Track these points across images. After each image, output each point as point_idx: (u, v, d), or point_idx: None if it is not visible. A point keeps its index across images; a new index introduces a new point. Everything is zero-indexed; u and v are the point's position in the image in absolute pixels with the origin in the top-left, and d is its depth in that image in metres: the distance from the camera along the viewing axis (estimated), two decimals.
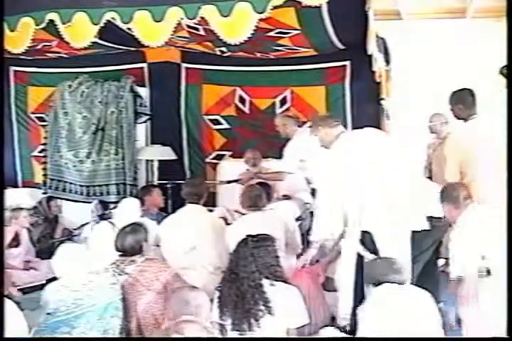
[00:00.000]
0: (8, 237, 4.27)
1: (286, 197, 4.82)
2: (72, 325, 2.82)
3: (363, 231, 3.16)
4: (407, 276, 2.79)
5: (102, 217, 4.73)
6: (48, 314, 2.86)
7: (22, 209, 4.61)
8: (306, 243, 4.41)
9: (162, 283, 3.12)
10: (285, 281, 2.95)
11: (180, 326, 2.30)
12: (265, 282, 2.84)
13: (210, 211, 4.57)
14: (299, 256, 4.01)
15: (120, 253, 3.26)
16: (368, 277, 2.91)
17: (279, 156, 5.52)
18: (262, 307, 2.77)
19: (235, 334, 2.77)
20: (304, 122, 5.01)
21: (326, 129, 3.47)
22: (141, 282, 3.11)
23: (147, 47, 3.66)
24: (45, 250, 4.77)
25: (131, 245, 3.24)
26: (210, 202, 4.95)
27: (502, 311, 2.61)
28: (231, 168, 5.36)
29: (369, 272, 2.90)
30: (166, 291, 3.09)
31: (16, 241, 4.42)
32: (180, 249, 3.73)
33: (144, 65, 5.57)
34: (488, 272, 2.85)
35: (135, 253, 3.24)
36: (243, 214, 4.06)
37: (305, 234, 4.46)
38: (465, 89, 3.63)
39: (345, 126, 4.08)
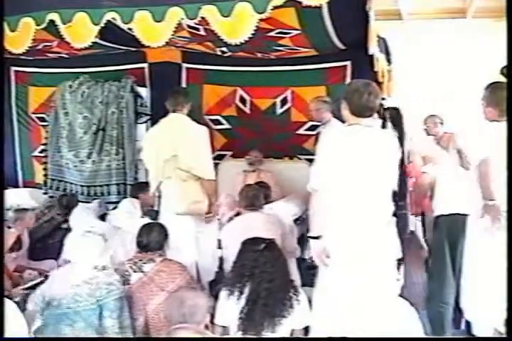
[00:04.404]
0: (11, 240, 4.17)
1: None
2: (73, 319, 2.85)
3: None
4: None
5: (103, 217, 4.74)
6: (54, 306, 2.89)
7: (27, 209, 4.57)
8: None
9: (177, 285, 3.13)
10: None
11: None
12: (279, 285, 2.84)
13: None
14: (298, 259, 4.00)
15: (140, 249, 3.28)
16: None
17: (279, 156, 5.54)
18: (284, 311, 2.78)
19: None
20: None
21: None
22: (156, 282, 3.12)
23: (148, 47, 3.65)
24: (45, 250, 4.76)
25: (156, 240, 3.28)
26: None
27: None
28: (231, 167, 5.36)
29: None
30: None
31: (18, 244, 4.36)
32: (161, 157, 3.79)
33: (145, 65, 5.56)
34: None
35: (156, 250, 3.26)
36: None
37: (305, 235, 4.46)
38: None
39: None
